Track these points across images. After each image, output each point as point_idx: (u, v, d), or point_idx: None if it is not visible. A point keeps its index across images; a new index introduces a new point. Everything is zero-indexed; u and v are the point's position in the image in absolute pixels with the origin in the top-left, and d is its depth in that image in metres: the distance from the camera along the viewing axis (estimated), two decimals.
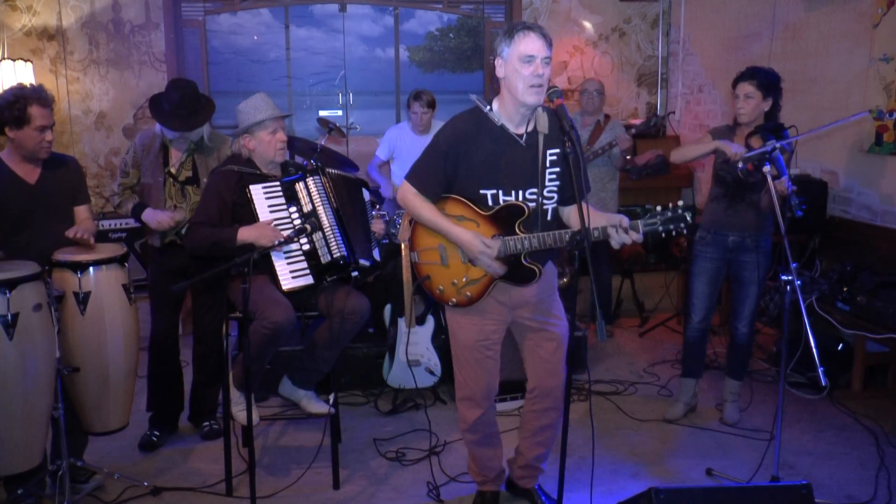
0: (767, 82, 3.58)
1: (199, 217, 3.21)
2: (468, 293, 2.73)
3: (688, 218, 2.50)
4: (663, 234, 2.53)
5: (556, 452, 2.78)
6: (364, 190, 3.55)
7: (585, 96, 5.07)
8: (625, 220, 2.51)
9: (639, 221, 2.52)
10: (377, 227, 3.52)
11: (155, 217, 3.46)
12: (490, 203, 2.66)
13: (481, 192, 2.65)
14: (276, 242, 3.05)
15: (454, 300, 2.76)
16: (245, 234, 3.10)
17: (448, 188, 2.71)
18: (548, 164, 2.65)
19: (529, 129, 2.65)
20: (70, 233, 3.08)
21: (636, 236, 2.51)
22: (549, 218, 2.72)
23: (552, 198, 2.70)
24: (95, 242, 3.19)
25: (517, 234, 2.62)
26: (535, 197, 2.66)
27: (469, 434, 2.96)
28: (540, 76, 2.51)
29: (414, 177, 2.73)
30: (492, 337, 2.82)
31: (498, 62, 2.59)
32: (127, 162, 3.60)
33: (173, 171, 3.54)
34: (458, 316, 2.83)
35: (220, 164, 3.39)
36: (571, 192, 2.69)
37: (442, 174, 2.67)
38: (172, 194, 3.54)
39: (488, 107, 2.66)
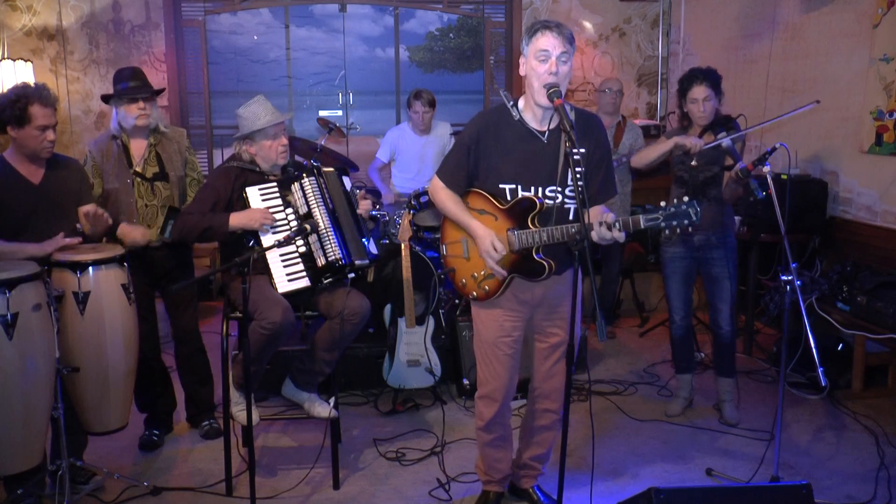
0: (716, 80, 3.64)
1: (192, 208, 3.23)
2: (486, 287, 2.76)
3: (692, 214, 2.44)
4: (667, 231, 2.47)
5: (556, 452, 2.78)
6: (345, 178, 3.51)
7: (608, 96, 4.96)
8: (609, 217, 2.49)
9: (640, 216, 2.50)
10: (363, 206, 3.49)
11: (130, 234, 3.35)
12: (509, 197, 2.69)
13: (500, 186, 2.69)
14: (277, 243, 3.04)
15: (474, 293, 2.80)
16: (236, 219, 3.13)
17: (471, 182, 2.77)
18: (571, 163, 2.65)
19: (552, 126, 2.66)
20: (84, 211, 3.08)
21: (618, 234, 2.47)
22: (571, 217, 2.70)
23: (575, 197, 2.69)
24: (94, 243, 3.20)
25: (530, 229, 2.63)
26: (554, 194, 2.66)
27: (483, 433, 2.96)
28: (555, 73, 2.52)
29: (442, 171, 2.82)
30: (512, 334, 2.82)
31: (521, 60, 2.65)
32: (88, 174, 3.47)
33: (139, 169, 3.47)
34: (479, 310, 2.86)
35: (223, 161, 3.41)
36: (593, 191, 2.71)
37: (465, 168, 2.73)
38: (143, 193, 3.47)
39: (512, 102, 2.69)
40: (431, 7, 6.36)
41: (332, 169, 3.47)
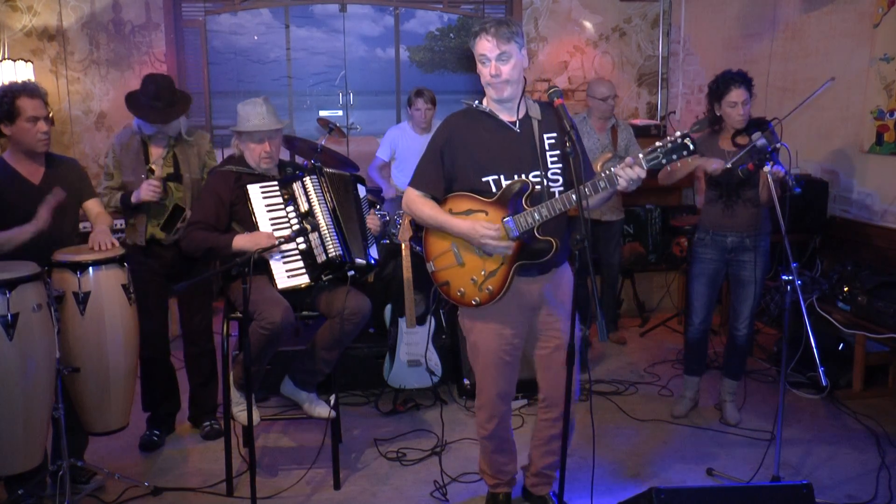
0: (750, 83, 3.62)
1: (196, 217, 3.22)
2: (489, 287, 2.70)
3: (689, 145, 2.45)
4: (668, 167, 2.57)
5: (556, 453, 2.78)
6: (360, 186, 3.55)
7: (606, 105, 4.79)
8: (628, 159, 2.51)
9: (641, 158, 2.49)
10: (372, 223, 3.51)
11: (141, 190, 3.40)
12: (493, 189, 2.67)
13: (483, 179, 2.67)
14: (278, 242, 3.04)
15: (477, 299, 2.72)
16: (240, 241, 3.11)
17: (450, 185, 2.73)
18: (547, 147, 2.68)
19: (521, 115, 2.70)
20: (94, 246, 3.09)
21: (640, 171, 2.48)
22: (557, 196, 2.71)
23: (557, 180, 2.70)
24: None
25: (525, 210, 2.62)
26: (538, 178, 2.67)
27: (486, 441, 2.95)
28: (496, 75, 2.59)
29: (416, 180, 2.77)
30: (513, 342, 2.80)
31: None
32: (108, 165, 3.56)
33: (154, 168, 3.51)
34: (477, 322, 2.80)
35: (219, 163, 3.41)
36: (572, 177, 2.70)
37: (441, 171, 2.71)
38: None
39: (477, 101, 2.74)
40: (431, 7, 6.36)
41: (347, 174, 3.49)
